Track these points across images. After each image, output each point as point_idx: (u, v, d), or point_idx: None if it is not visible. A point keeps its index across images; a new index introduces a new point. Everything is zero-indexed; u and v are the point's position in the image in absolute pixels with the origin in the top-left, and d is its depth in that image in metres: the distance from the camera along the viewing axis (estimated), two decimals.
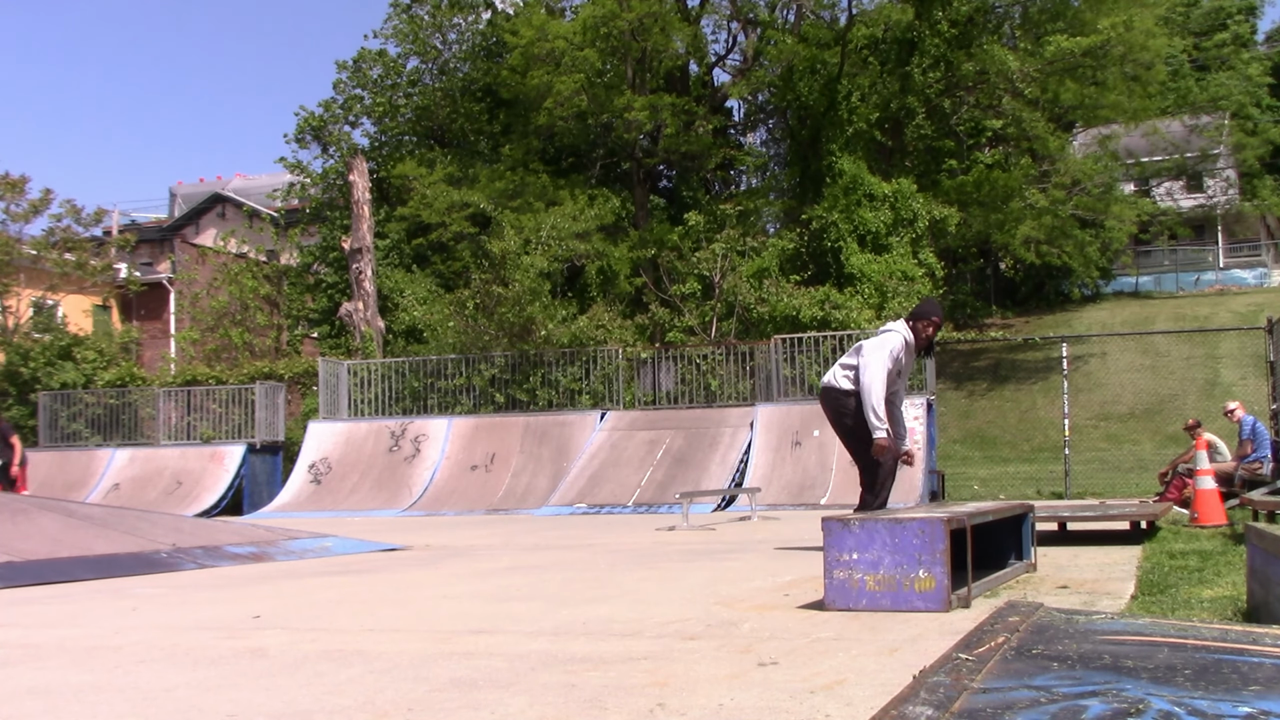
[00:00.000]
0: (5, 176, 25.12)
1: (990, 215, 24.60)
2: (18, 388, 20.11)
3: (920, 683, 1.98)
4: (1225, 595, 4.19)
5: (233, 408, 18.16)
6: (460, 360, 17.26)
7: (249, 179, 44.17)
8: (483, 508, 14.41)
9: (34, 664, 3.22)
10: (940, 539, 3.76)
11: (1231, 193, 38.33)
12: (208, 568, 6.67)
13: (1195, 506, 8.29)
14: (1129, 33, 22.64)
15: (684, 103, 24.85)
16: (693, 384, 16.14)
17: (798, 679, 2.61)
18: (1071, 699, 1.84)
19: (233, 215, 37.49)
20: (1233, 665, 2.15)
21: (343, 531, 9.41)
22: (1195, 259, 38.47)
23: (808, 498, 13.15)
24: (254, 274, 26.63)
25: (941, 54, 24.93)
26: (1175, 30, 30.50)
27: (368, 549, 8.03)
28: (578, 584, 5.23)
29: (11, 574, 5.80)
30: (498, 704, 2.45)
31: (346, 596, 4.99)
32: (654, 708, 2.34)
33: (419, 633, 3.67)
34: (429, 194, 23.93)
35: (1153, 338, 22.89)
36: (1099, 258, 28.86)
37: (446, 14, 28.28)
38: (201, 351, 24.70)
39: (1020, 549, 5.24)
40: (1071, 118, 28.19)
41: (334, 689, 2.69)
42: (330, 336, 25.02)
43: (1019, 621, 2.68)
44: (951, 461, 17.70)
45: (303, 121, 28.42)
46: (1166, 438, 18.29)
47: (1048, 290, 33.24)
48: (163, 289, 30.36)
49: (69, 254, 25.71)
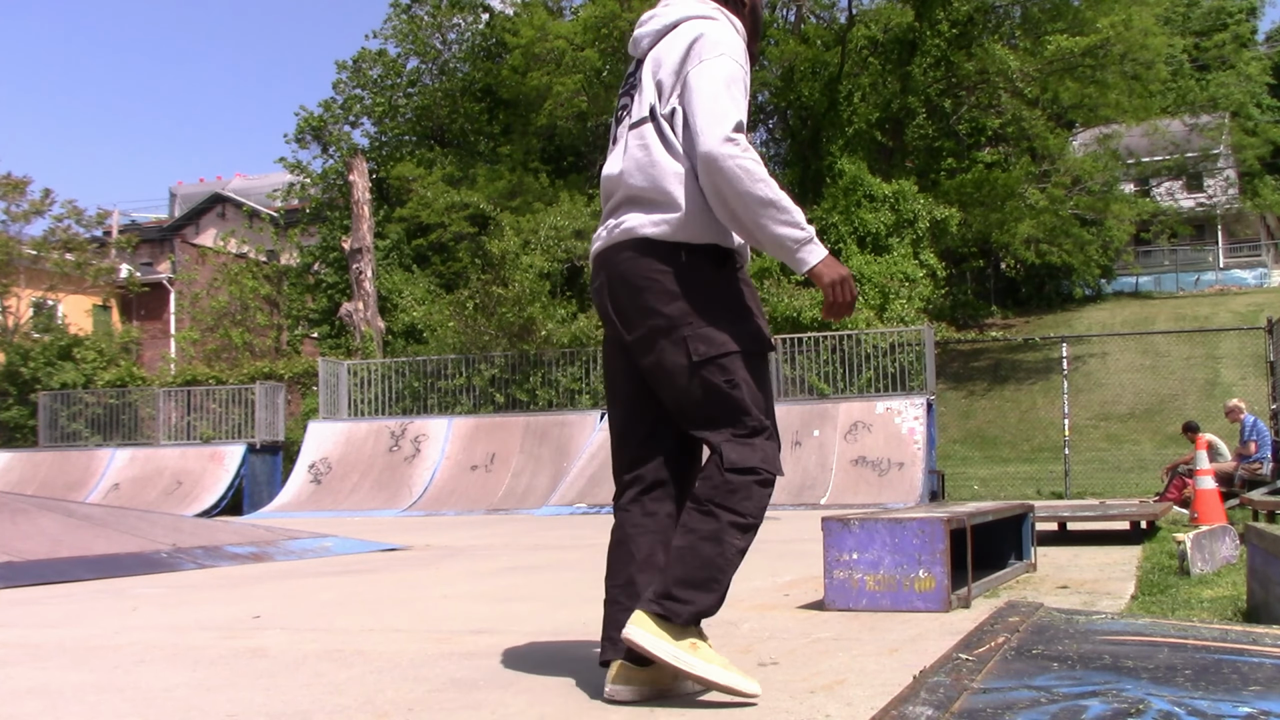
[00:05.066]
0: (7, 177, 25.16)
1: (990, 215, 24.60)
2: (18, 388, 20.11)
3: (920, 683, 1.98)
4: (1225, 595, 4.19)
5: (233, 408, 18.16)
6: (460, 360, 17.26)
7: (249, 179, 44.18)
8: (483, 508, 14.41)
9: (34, 664, 3.22)
10: (940, 539, 3.77)
11: (1231, 192, 38.33)
12: (208, 568, 6.67)
13: (1195, 506, 8.28)
14: (1129, 32, 22.65)
15: None
16: None
17: (798, 679, 2.61)
18: (1072, 699, 1.84)
19: (233, 215, 37.48)
20: (1233, 665, 2.15)
21: (343, 531, 9.41)
22: (1195, 259, 38.47)
23: (807, 498, 13.15)
24: (254, 274, 26.63)
25: (942, 54, 24.94)
26: (1175, 30, 30.52)
27: (368, 549, 8.03)
28: (578, 584, 5.23)
29: (11, 574, 5.80)
30: (498, 704, 2.45)
31: (346, 596, 4.99)
32: (654, 708, 2.34)
33: (419, 633, 3.67)
34: (428, 194, 23.94)
35: (1153, 338, 22.89)
36: (1099, 256, 28.86)
37: (446, 14, 28.30)
38: (201, 351, 24.70)
39: (1020, 549, 5.24)
40: (1071, 117, 28.20)
41: (334, 689, 2.69)
42: (330, 336, 25.03)
43: (1019, 621, 2.68)
44: (951, 461, 17.71)
45: (303, 121, 28.44)
46: (1166, 438, 18.29)
47: (1048, 290, 33.24)
48: (163, 289, 30.37)
49: (69, 254, 25.73)
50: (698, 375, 2.31)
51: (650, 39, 2.49)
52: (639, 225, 2.37)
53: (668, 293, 2.34)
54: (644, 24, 2.54)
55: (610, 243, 2.44)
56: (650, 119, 2.40)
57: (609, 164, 2.52)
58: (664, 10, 2.51)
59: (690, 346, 2.31)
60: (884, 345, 14.94)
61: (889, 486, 12.83)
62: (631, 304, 2.38)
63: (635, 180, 2.40)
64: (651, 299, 2.35)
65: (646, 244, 2.36)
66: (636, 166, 2.40)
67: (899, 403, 13.88)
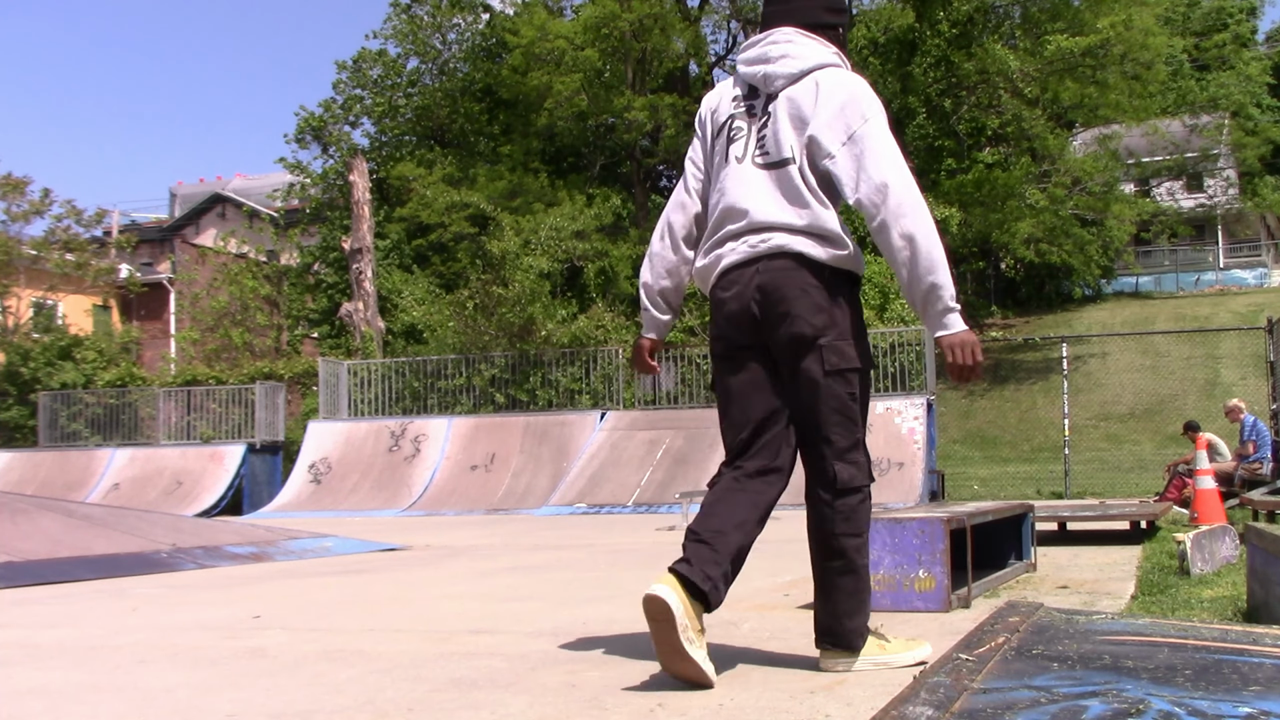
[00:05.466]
0: (6, 177, 25.16)
1: (990, 215, 24.60)
2: (18, 388, 20.11)
3: (920, 683, 1.98)
4: (1225, 595, 4.19)
5: (233, 408, 18.17)
6: (460, 360, 17.26)
7: (249, 179, 44.16)
8: (483, 508, 14.41)
9: (34, 664, 3.22)
10: (940, 539, 3.77)
11: (1231, 192, 38.33)
12: (208, 568, 6.67)
13: (1195, 506, 8.28)
14: (1129, 32, 22.65)
15: (684, 103, 24.85)
16: (693, 384, 16.14)
17: (798, 679, 2.61)
18: (1072, 699, 1.84)
19: (233, 215, 37.48)
20: (1233, 665, 2.15)
21: (343, 531, 9.40)
22: (1195, 259, 38.47)
23: None
24: (254, 274, 26.62)
25: (942, 54, 24.94)
26: (1175, 30, 30.51)
27: (368, 549, 8.03)
28: (578, 584, 5.23)
29: (11, 574, 5.80)
30: (498, 704, 2.45)
31: (346, 596, 4.99)
32: (654, 708, 2.34)
33: (419, 633, 3.67)
34: (429, 194, 23.94)
35: (1153, 338, 22.89)
36: (1099, 256, 28.85)
37: (446, 14, 28.29)
38: (201, 351, 24.70)
39: (1020, 549, 5.23)
40: (1071, 117, 28.20)
41: (334, 689, 2.69)
42: (330, 336, 25.03)
43: (1019, 622, 2.68)
44: (951, 461, 17.71)
45: (303, 122, 28.43)
46: (1166, 438, 18.28)
47: (1048, 290, 33.23)
48: (163, 289, 30.37)
49: (69, 254, 25.73)
50: (827, 383, 2.57)
51: (785, 80, 2.67)
52: (792, 243, 2.60)
53: (815, 305, 2.57)
54: (772, 61, 2.69)
55: (759, 254, 2.62)
56: (794, 162, 2.62)
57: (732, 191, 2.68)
58: (790, 49, 2.69)
59: (825, 357, 2.56)
60: (884, 345, 14.94)
61: (889, 486, 12.82)
62: (779, 310, 2.58)
63: (780, 217, 2.61)
64: (800, 308, 2.57)
65: (800, 259, 2.59)
66: (779, 205, 2.62)
67: (899, 403, 13.88)
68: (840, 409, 2.59)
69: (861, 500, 2.61)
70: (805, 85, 2.65)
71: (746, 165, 2.68)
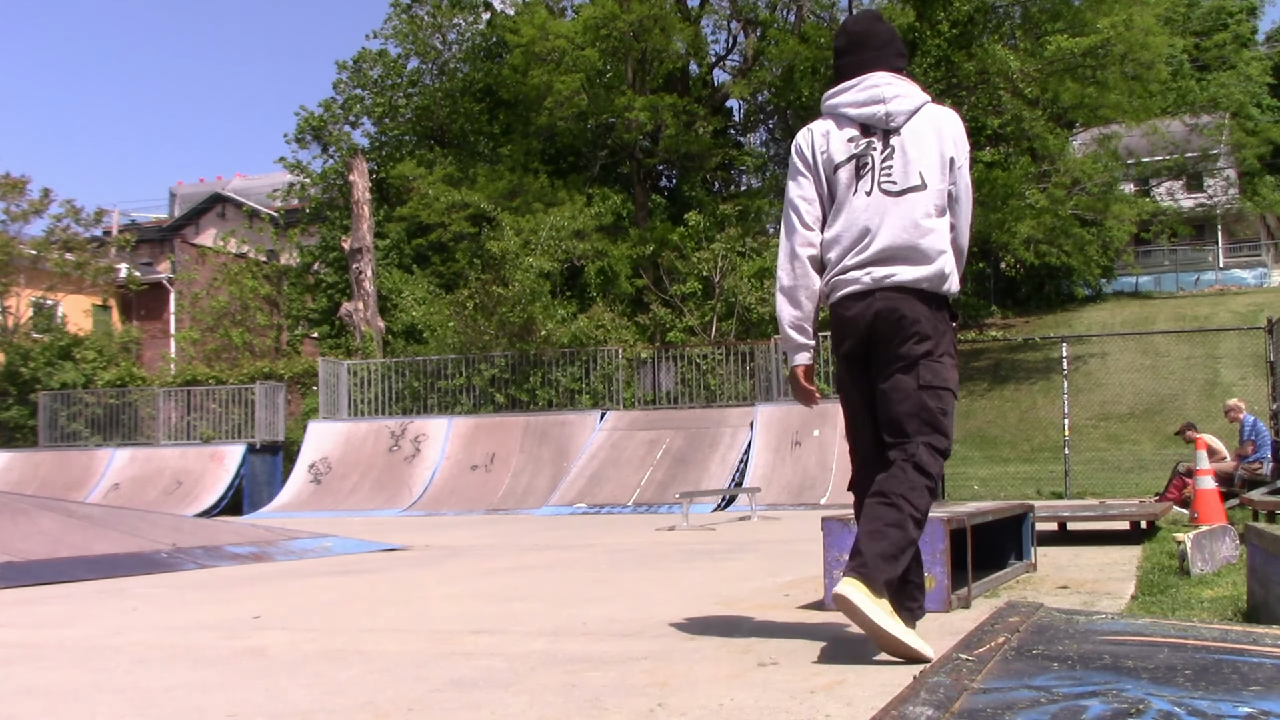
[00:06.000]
0: (6, 177, 25.14)
1: (990, 215, 24.58)
2: (18, 388, 20.12)
3: (920, 683, 1.98)
4: (1225, 595, 4.19)
5: (233, 408, 18.17)
6: (460, 360, 17.26)
7: (249, 179, 44.16)
8: (483, 508, 14.41)
9: (34, 664, 3.22)
10: (940, 539, 3.76)
11: (1231, 192, 38.32)
12: (208, 568, 6.67)
13: (1195, 506, 8.28)
14: (1129, 32, 22.62)
15: (684, 103, 24.85)
16: (693, 384, 16.14)
17: (798, 679, 2.61)
18: (1072, 699, 1.84)
19: (233, 215, 37.47)
20: (1233, 665, 2.15)
21: (343, 531, 9.41)
22: (1195, 259, 38.46)
23: (807, 498, 13.16)
24: (254, 274, 26.63)
25: (942, 54, 24.92)
26: (1175, 30, 30.48)
27: (368, 549, 8.03)
28: (578, 584, 5.23)
29: (11, 574, 5.80)
30: (498, 704, 2.45)
31: (346, 596, 4.99)
32: (654, 708, 2.34)
33: (419, 633, 3.67)
34: (429, 194, 23.93)
35: (1153, 338, 22.89)
36: (1099, 256, 28.84)
37: (446, 14, 28.26)
38: (201, 351, 24.71)
39: (1020, 549, 5.23)
40: (1071, 117, 28.17)
41: (334, 689, 2.69)
42: (330, 336, 25.03)
43: (1019, 622, 2.68)
44: (951, 461, 17.62)
45: (303, 122, 28.41)
46: (1166, 438, 18.23)
47: (1048, 290, 33.22)
48: (163, 289, 30.36)
49: (69, 254, 25.72)
50: (920, 395, 2.94)
51: (905, 116, 3.04)
52: (911, 279, 2.97)
53: (921, 334, 2.96)
54: (887, 101, 3.05)
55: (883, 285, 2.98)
56: (923, 189, 2.99)
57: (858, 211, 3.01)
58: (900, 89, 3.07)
59: (920, 373, 2.94)
60: None
61: None
62: (895, 335, 2.96)
63: (903, 239, 2.97)
64: (910, 334, 2.95)
65: (917, 292, 2.97)
66: (904, 229, 2.97)
67: None
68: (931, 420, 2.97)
69: (930, 488, 2.91)
70: (922, 121, 3.05)
71: (875, 195, 3.02)
